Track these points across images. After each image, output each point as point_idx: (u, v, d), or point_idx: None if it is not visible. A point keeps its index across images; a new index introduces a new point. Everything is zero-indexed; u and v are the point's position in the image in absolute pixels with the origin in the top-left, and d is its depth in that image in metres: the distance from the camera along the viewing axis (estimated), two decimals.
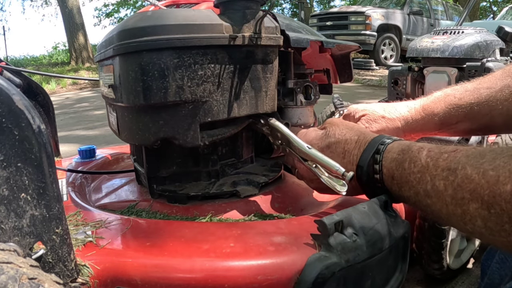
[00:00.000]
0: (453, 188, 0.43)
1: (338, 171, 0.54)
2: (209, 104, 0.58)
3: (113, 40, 0.57)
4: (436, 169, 0.46)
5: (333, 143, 0.59)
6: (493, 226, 0.39)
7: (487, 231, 0.40)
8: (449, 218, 0.45)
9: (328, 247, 0.46)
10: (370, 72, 6.56)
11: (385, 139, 0.56)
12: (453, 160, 0.44)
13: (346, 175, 0.53)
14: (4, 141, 0.37)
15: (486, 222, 0.40)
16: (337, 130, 0.60)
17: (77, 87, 6.57)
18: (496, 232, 0.39)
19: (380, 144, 0.55)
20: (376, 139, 0.56)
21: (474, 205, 0.40)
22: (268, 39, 0.61)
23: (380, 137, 0.56)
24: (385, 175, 0.53)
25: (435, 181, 0.45)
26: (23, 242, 0.39)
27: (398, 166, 0.51)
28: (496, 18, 6.66)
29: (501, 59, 1.49)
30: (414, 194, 0.49)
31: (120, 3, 15.52)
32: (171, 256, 0.47)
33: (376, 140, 0.56)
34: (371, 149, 0.55)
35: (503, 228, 0.38)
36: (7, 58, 10.97)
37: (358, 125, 0.66)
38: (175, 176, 0.68)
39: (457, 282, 1.00)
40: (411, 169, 0.49)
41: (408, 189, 0.50)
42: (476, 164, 0.41)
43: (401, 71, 1.59)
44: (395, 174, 0.51)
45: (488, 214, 0.39)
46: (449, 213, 0.44)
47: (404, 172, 0.50)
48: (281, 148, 0.63)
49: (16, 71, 0.92)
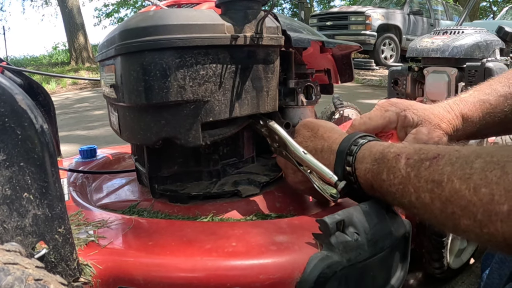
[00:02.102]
0: (441, 202, 0.39)
1: (331, 179, 0.53)
2: (210, 104, 0.58)
3: (115, 40, 0.57)
4: (419, 181, 0.42)
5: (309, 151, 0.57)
6: (487, 242, 0.37)
7: (482, 242, 0.38)
8: (440, 227, 0.42)
9: (330, 246, 0.46)
10: (370, 72, 6.56)
11: (352, 145, 0.51)
12: (437, 170, 0.41)
13: (338, 184, 0.53)
14: (6, 141, 0.37)
15: (479, 238, 0.38)
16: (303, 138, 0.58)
17: (77, 87, 6.57)
18: (491, 245, 0.38)
19: (348, 155, 0.51)
20: (342, 148, 0.52)
21: (466, 222, 0.38)
22: (269, 39, 0.61)
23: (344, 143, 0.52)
24: (363, 185, 0.50)
25: (419, 193, 0.42)
26: (25, 241, 0.39)
27: (375, 177, 0.47)
28: (496, 18, 6.66)
29: (501, 59, 1.49)
30: (399, 204, 0.46)
31: (120, 3, 15.51)
32: (173, 256, 0.48)
33: (343, 149, 0.52)
34: (340, 161, 0.52)
35: (497, 245, 0.36)
36: (7, 58, 10.96)
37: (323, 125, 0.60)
38: (176, 176, 0.68)
39: (457, 282, 1.00)
40: (390, 181, 0.45)
41: (392, 200, 0.47)
42: (464, 177, 0.38)
43: (401, 71, 1.59)
44: (374, 185, 0.48)
45: (480, 232, 0.37)
46: (439, 223, 0.41)
47: (383, 183, 0.46)
48: (277, 151, 0.63)
49: (17, 71, 0.92)
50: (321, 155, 0.55)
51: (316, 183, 0.56)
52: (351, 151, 0.51)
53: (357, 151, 0.51)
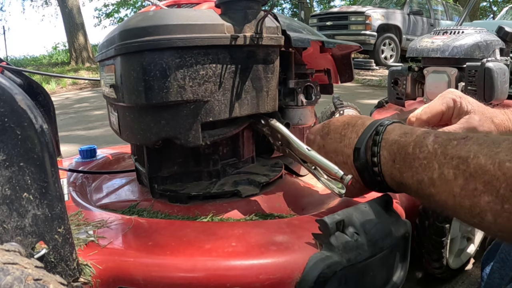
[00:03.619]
0: (465, 178, 0.40)
1: (336, 174, 0.53)
2: (210, 104, 0.58)
3: (115, 40, 0.57)
4: (445, 157, 0.43)
5: (332, 129, 0.58)
6: (504, 223, 0.37)
7: (496, 227, 0.38)
8: (455, 209, 0.43)
9: (330, 246, 0.46)
10: (370, 72, 6.56)
11: (385, 121, 0.53)
12: (464, 148, 0.41)
13: (344, 178, 0.53)
14: (6, 141, 0.37)
15: (496, 218, 0.38)
16: (336, 119, 0.59)
17: (77, 87, 6.56)
18: (506, 228, 0.38)
19: (379, 126, 0.52)
20: (375, 122, 0.54)
21: (486, 198, 0.38)
22: (269, 39, 0.61)
23: (379, 120, 0.54)
24: (384, 158, 0.50)
25: (443, 170, 0.42)
26: (25, 241, 0.39)
27: (400, 149, 0.48)
28: (496, 18, 6.65)
29: (501, 59, 1.49)
30: (417, 181, 0.46)
31: (120, 3, 15.51)
32: (173, 256, 0.47)
33: (375, 122, 0.53)
34: (369, 131, 0.52)
35: None
36: (7, 58, 10.96)
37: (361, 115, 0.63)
38: (176, 176, 0.68)
39: (457, 282, 1.00)
40: (416, 154, 0.46)
41: (410, 176, 0.47)
42: (490, 154, 0.39)
43: (401, 71, 1.59)
44: (397, 158, 0.48)
45: (501, 209, 0.37)
46: (455, 205, 0.42)
47: (407, 156, 0.47)
48: (280, 149, 0.63)
49: (16, 71, 0.92)
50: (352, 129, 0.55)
51: (322, 179, 0.56)
52: (383, 123, 0.53)
53: (389, 124, 0.52)
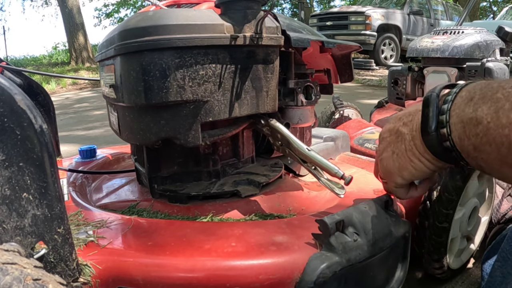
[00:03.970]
0: None
1: (337, 174, 0.53)
2: (210, 104, 0.58)
3: (114, 40, 0.57)
4: None
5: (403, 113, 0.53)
6: None
7: None
8: None
9: (329, 246, 0.46)
10: (370, 72, 6.56)
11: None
12: None
13: (345, 177, 0.53)
14: (6, 141, 0.37)
15: None
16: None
17: (77, 87, 6.56)
18: None
19: (452, 86, 0.49)
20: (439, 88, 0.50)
21: None
22: (269, 39, 0.61)
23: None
24: (460, 98, 0.47)
25: None
26: (24, 241, 0.39)
27: (484, 87, 0.46)
28: (496, 18, 6.66)
29: (501, 59, 1.49)
30: (495, 110, 0.43)
31: (120, 3, 15.50)
32: (173, 256, 0.47)
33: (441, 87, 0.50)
34: (440, 88, 0.49)
35: None
36: (7, 58, 10.95)
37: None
38: (176, 176, 0.68)
39: (457, 282, 1.00)
40: (502, 85, 0.44)
41: (488, 107, 0.44)
42: None
43: (401, 71, 1.59)
44: (476, 95, 0.46)
45: None
46: None
47: (491, 89, 0.45)
48: (280, 149, 0.63)
49: (16, 71, 0.92)
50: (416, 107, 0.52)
51: (322, 179, 0.56)
52: (455, 85, 0.50)
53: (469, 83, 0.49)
